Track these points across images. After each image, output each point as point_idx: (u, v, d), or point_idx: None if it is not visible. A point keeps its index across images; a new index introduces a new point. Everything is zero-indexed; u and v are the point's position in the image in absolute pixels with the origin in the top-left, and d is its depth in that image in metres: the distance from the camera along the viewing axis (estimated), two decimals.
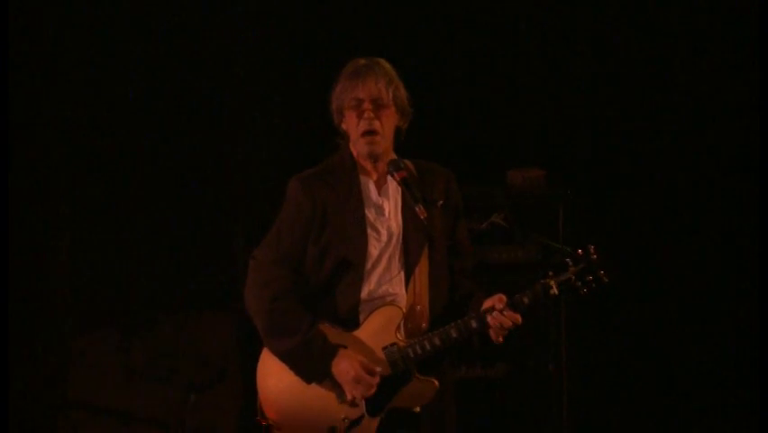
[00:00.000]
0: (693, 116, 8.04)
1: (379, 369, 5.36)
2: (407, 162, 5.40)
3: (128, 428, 8.07)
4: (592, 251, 5.25)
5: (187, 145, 8.23)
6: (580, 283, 5.26)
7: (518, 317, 5.19)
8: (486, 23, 8.15)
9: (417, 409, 5.38)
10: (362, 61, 5.49)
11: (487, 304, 5.25)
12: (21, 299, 7.89)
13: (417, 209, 5.29)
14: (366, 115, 5.39)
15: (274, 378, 5.47)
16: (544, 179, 7.45)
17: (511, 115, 8.10)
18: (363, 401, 5.35)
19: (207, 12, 8.21)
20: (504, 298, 5.21)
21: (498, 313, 5.20)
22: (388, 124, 5.39)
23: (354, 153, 5.44)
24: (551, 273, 5.23)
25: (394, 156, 5.37)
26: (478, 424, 6.59)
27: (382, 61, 5.48)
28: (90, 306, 8.16)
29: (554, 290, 5.21)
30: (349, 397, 5.35)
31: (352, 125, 5.42)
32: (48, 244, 8.15)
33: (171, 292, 8.19)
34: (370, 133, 5.35)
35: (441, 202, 5.42)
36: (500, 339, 5.24)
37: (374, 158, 5.39)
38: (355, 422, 5.35)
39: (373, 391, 5.35)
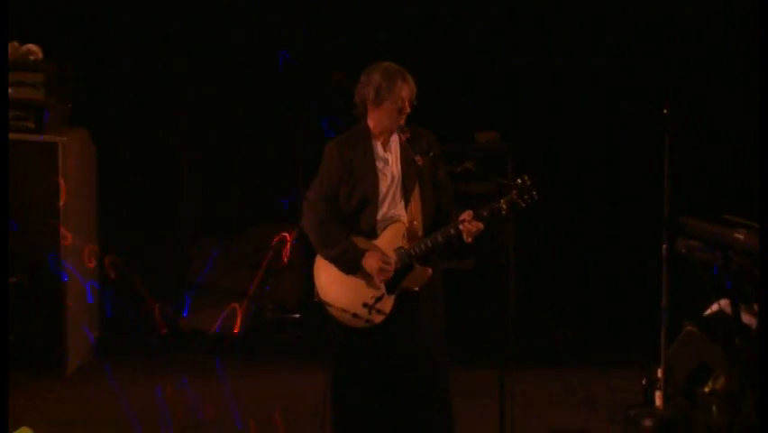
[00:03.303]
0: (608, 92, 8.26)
1: (393, 260, 5.56)
2: (405, 126, 5.63)
3: (228, 301, 8.34)
4: (526, 178, 5.55)
5: (273, 115, 8.53)
6: (520, 200, 5.53)
7: (480, 225, 5.46)
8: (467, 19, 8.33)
9: (417, 288, 5.64)
10: (401, 72, 5.57)
11: (460, 217, 5.53)
12: (152, 215, 8.44)
13: (417, 158, 5.55)
14: (404, 114, 5.55)
15: (325, 272, 5.71)
16: (499, 139, 7.98)
17: (479, 96, 8.35)
18: (384, 284, 5.59)
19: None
20: (471, 212, 5.51)
21: (467, 222, 5.47)
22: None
23: (371, 125, 5.63)
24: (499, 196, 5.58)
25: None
26: (455, 299, 6.34)
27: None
28: (203, 220, 8.67)
29: (503, 206, 5.49)
30: (376, 281, 5.56)
31: (391, 111, 5.56)
32: (173, 179, 8.58)
33: (256, 212, 8.58)
34: (403, 115, 5.55)
35: (432, 154, 5.61)
36: (470, 239, 5.49)
37: (396, 128, 5.58)
38: (379, 298, 5.61)
39: (390, 276, 5.56)
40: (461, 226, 5.52)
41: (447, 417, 5.78)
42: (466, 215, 5.54)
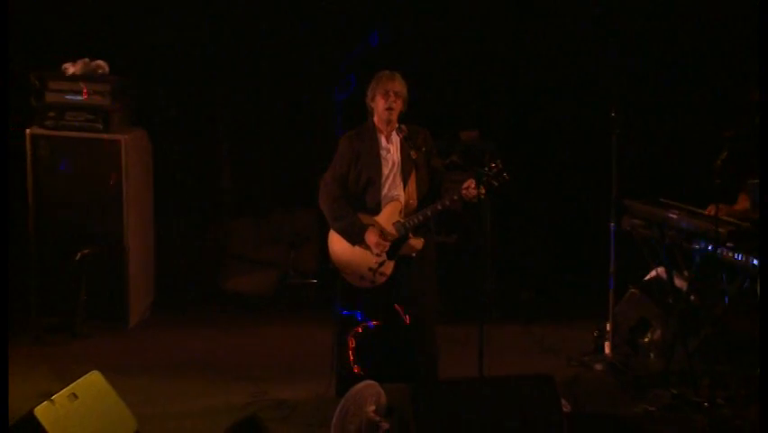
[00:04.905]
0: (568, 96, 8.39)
1: (388, 242, 5.92)
2: (403, 126, 6.03)
3: (260, 269, 8.45)
4: (499, 163, 5.88)
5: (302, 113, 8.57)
6: (494, 181, 5.84)
7: (482, 190, 5.75)
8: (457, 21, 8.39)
9: (413, 254, 6.02)
10: (388, 72, 6.01)
11: (464, 186, 5.89)
12: (198, 199, 8.65)
13: (412, 152, 5.97)
14: (390, 99, 5.95)
15: (337, 243, 6.09)
16: (479, 137, 8.10)
17: (463, 100, 8.45)
18: (384, 252, 5.96)
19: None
20: (473, 180, 5.83)
21: (471, 188, 5.80)
22: (397, 107, 6.00)
23: (376, 121, 6.02)
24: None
25: (397, 124, 6.00)
26: (442, 267, 6.54)
27: (399, 74, 6.05)
28: (239, 202, 8.80)
29: (482, 190, 5.81)
30: (374, 252, 5.97)
31: (381, 104, 5.96)
32: (215, 170, 8.76)
33: (281, 195, 8.73)
34: (389, 109, 5.96)
35: (424, 149, 6.02)
36: (473, 200, 5.79)
37: (388, 122, 5.98)
38: (381, 263, 5.97)
39: (386, 249, 5.93)
40: (463, 192, 5.88)
41: (434, 359, 6.13)
42: (468, 183, 5.91)
